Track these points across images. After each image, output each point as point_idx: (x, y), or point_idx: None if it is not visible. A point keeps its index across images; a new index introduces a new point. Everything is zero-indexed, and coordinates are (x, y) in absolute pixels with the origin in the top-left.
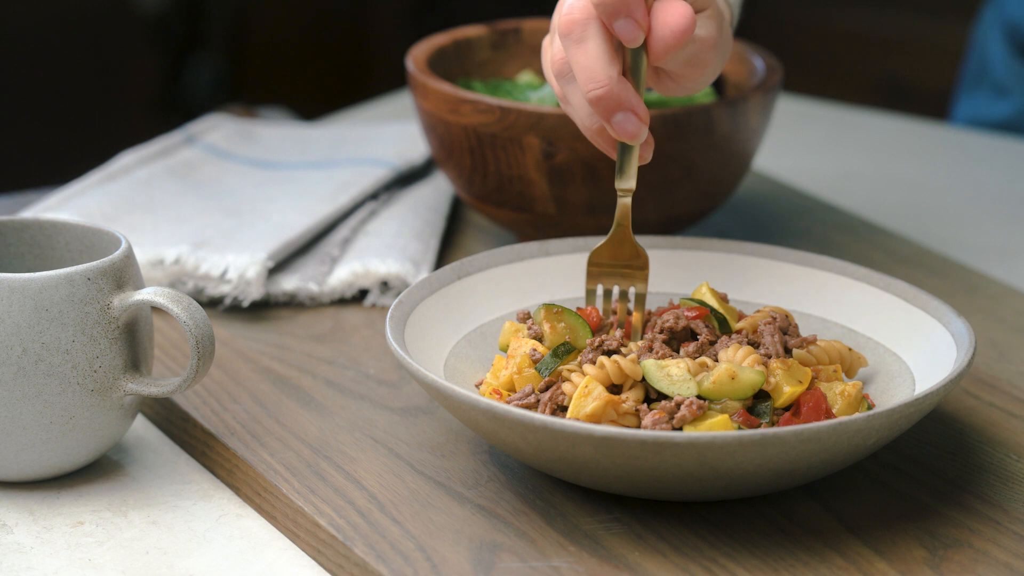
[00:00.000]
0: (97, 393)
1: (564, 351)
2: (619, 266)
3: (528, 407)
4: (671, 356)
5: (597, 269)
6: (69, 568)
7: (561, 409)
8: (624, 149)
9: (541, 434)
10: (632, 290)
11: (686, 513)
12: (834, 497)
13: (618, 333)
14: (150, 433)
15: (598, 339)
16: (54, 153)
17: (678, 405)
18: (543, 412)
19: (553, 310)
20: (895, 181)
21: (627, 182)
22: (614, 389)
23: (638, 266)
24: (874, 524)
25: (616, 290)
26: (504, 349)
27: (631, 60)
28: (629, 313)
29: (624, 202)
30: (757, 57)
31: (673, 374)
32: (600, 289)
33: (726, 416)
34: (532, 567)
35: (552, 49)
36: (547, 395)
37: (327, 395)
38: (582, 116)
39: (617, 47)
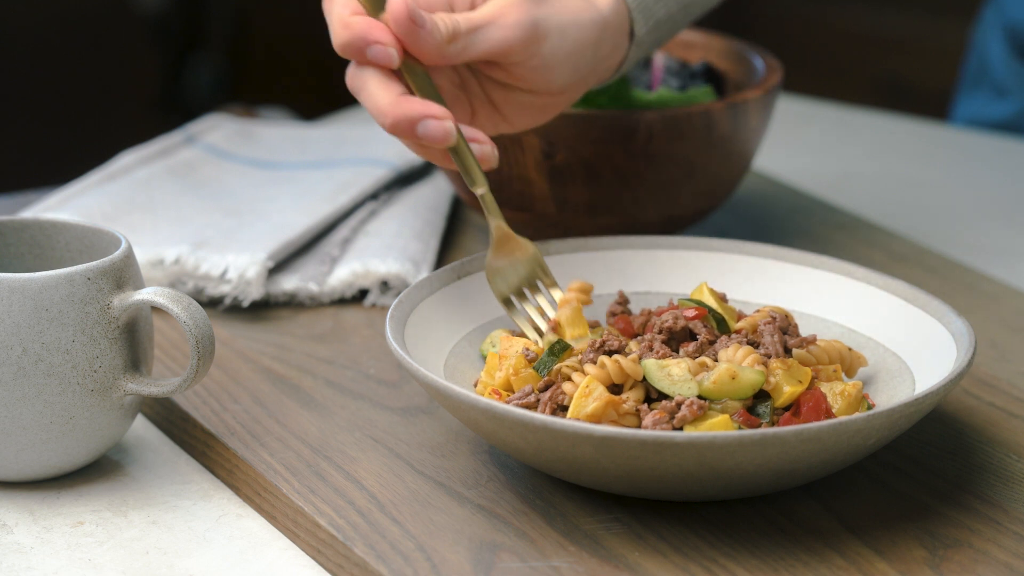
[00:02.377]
0: (97, 393)
1: (560, 348)
2: (518, 270)
3: (528, 407)
4: (671, 356)
5: (503, 284)
6: (69, 568)
7: (561, 409)
8: (456, 155)
9: (541, 434)
10: (547, 291)
11: (686, 513)
12: (834, 497)
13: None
14: (150, 433)
15: (599, 339)
16: (54, 153)
17: (679, 405)
18: (543, 412)
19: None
20: (895, 181)
21: (478, 188)
22: (615, 389)
23: (527, 259)
24: (874, 524)
25: (533, 299)
26: (484, 356)
27: (408, 75)
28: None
29: (484, 198)
30: (757, 57)
31: (674, 374)
32: (518, 303)
33: (727, 416)
34: (532, 567)
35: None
36: (547, 395)
37: (327, 395)
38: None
39: (389, 71)
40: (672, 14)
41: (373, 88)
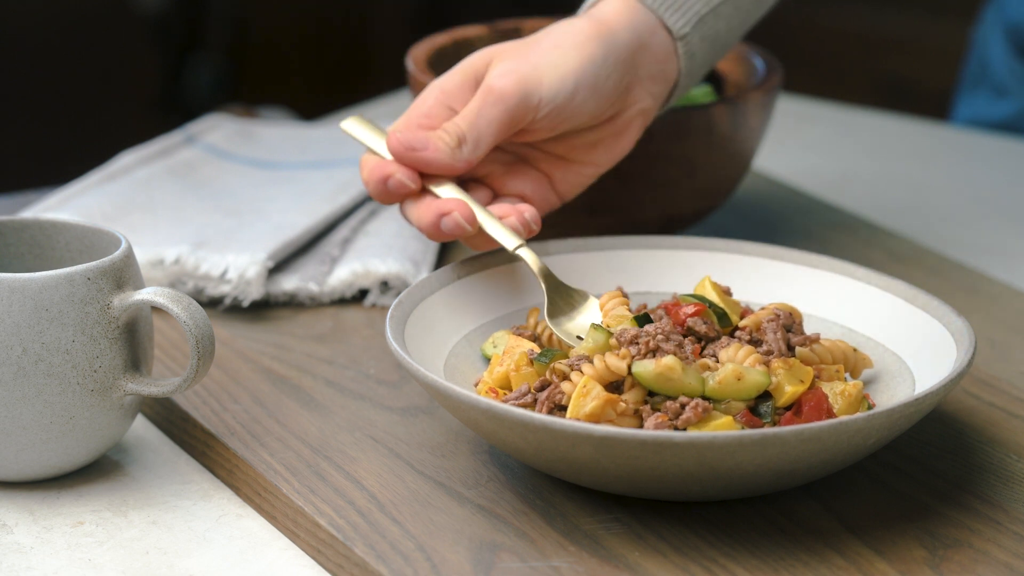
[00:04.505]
0: (97, 393)
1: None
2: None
3: (525, 407)
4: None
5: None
6: (69, 568)
7: (559, 408)
8: (489, 225)
9: (541, 434)
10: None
11: (686, 513)
12: (834, 497)
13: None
14: (150, 433)
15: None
16: (54, 153)
17: (682, 406)
18: (540, 411)
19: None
20: (895, 181)
21: (510, 243)
22: (614, 387)
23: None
24: (874, 524)
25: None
26: (487, 357)
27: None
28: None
29: (526, 256)
30: (757, 57)
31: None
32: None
33: (731, 418)
34: (532, 567)
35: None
36: (544, 394)
37: (327, 395)
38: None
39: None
40: (715, 7)
41: (408, 211)
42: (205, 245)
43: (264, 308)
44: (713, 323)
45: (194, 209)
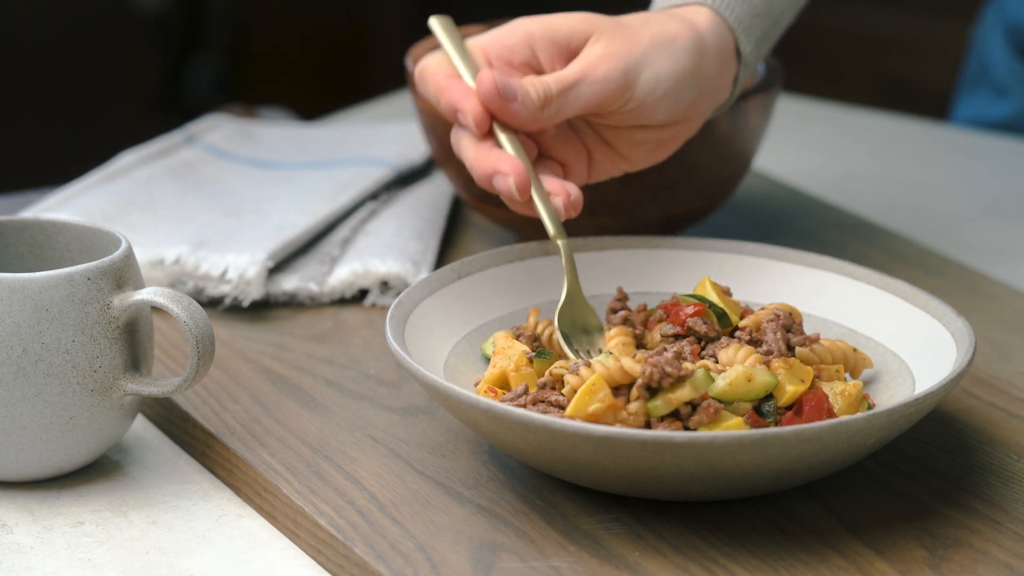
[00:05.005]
0: (97, 393)
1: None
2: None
3: (523, 407)
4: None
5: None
6: (69, 568)
7: (558, 408)
8: (536, 205)
9: (541, 434)
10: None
11: (686, 513)
12: (834, 497)
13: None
14: (150, 433)
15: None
16: (54, 153)
17: (692, 407)
18: (538, 409)
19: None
20: (895, 181)
21: (554, 238)
22: (617, 390)
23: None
24: (874, 524)
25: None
26: (487, 357)
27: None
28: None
29: (564, 249)
30: None
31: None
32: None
33: (740, 419)
34: (532, 567)
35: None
36: (542, 395)
37: (327, 395)
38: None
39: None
40: (766, 31)
41: (463, 144)
42: (205, 245)
43: (264, 308)
44: (713, 323)
45: (194, 209)
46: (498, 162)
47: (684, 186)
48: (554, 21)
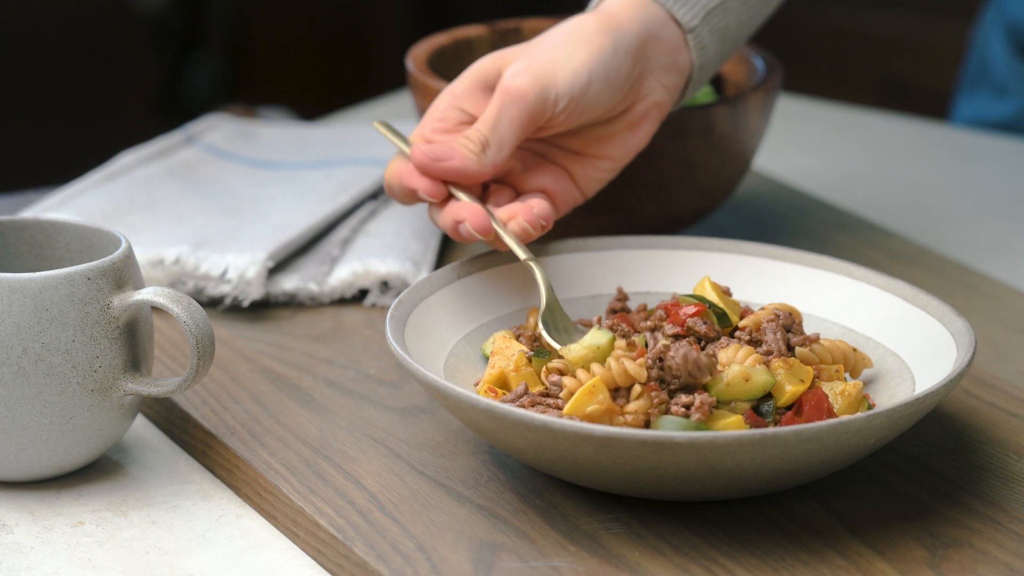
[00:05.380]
0: (97, 393)
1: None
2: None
3: (523, 406)
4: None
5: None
6: (69, 568)
7: (557, 408)
8: (503, 235)
9: (541, 434)
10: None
11: (686, 513)
12: (834, 497)
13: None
14: (150, 433)
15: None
16: (54, 153)
17: (688, 408)
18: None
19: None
20: (895, 181)
21: (521, 255)
22: (615, 391)
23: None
24: (874, 524)
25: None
26: (487, 357)
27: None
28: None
29: (535, 271)
30: (757, 57)
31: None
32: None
33: (739, 417)
34: (532, 567)
35: None
36: (540, 399)
37: (327, 395)
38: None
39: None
40: (723, 1)
41: (433, 215)
42: (205, 245)
43: (264, 308)
44: (713, 323)
45: (194, 209)
46: (457, 212)
47: (684, 186)
48: (470, 71)
